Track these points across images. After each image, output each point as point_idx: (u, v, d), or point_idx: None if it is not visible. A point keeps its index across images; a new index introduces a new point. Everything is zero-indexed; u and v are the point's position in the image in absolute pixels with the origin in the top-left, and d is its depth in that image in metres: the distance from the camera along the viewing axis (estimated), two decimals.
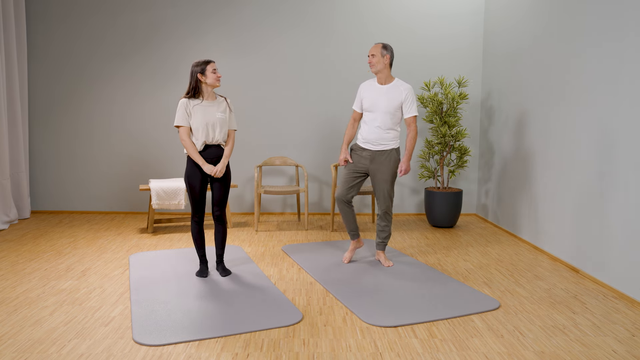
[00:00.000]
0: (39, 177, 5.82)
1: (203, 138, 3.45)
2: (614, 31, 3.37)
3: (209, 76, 3.42)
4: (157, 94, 5.71)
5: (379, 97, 3.72)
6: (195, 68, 3.43)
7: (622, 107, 3.27)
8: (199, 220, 3.59)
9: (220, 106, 3.53)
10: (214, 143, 3.50)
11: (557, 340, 2.62)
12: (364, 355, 2.45)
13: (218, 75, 3.45)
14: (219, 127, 3.48)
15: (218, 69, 5.61)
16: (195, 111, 3.43)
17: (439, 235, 4.93)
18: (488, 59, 5.55)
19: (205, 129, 3.44)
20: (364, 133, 3.79)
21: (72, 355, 2.41)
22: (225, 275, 3.60)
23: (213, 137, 3.48)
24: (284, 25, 5.65)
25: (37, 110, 5.74)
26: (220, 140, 3.52)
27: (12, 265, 3.81)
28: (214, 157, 3.52)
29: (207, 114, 3.44)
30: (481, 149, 5.76)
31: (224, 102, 3.60)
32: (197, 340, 2.58)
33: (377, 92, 3.75)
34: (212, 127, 3.46)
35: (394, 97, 3.70)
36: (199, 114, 3.43)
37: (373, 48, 3.71)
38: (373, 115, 3.74)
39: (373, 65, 3.70)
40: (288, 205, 5.90)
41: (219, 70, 5.61)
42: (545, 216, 4.26)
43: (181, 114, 3.43)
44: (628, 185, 3.20)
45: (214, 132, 3.47)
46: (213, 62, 3.45)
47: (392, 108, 3.70)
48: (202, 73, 3.42)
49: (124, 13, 5.62)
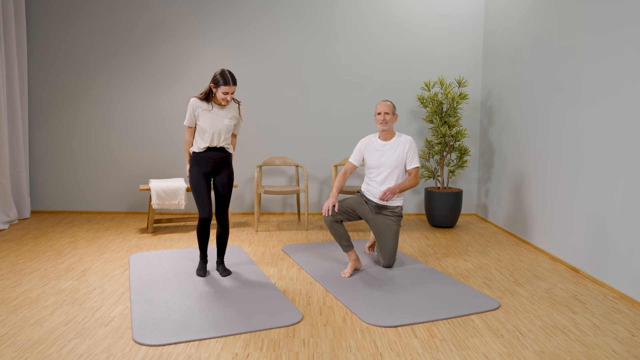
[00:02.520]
0: (39, 177, 5.82)
1: (207, 143, 3.46)
2: (613, 31, 3.37)
3: (218, 93, 3.37)
4: (157, 94, 5.71)
5: (384, 154, 3.73)
6: (216, 76, 3.37)
7: (622, 107, 3.27)
8: (206, 222, 3.53)
9: (230, 111, 3.51)
10: (217, 146, 3.51)
11: (557, 340, 2.62)
12: (364, 355, 2.45)
13: (227, 98, 3.37)
14: (225, 134, 3.49)
15: (221, 65, 5.63)
16: (203, 115, 3.44)
17: (439, 235, 4.93)
18: (488, 59, 5.56)
19: (211, 135, 3.45)
20: (371, 189, 3.78)
21: (72, 355, 2.41)
22: (226, 275, 3.60)
23: (217, 142, 3.49)
24: (284, 25, 5.65)
25: (37, 110, 5.74)
26: (223, 144, 3.52)
27: (12, 265, 3.80)
28: (215, 159, 3.51)
29: (215, 121, 3.44)
30: (481, 149, 5.76)
31: (236, 107, 3.56)
32: (197, 340, 2.58)
33: (381, 149, 3.75)
34: (218, 134, 3.47)
35: (399, 153, 3.73)
36: (207, 119, 3.43)
37: (385, 106, 3.69)
38: (378, 171, 3.74)
39: (387, 123, 3.69)
40: (288, 205, 5.89)
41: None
42: (545, 216, 4.27)
43: (189, 115, 3.46)
44: (628, 185, 3.21)
45: (219, 138, 3.49)
46: (230, 86, 3.34)
47: (398, 163, 3.73)
48: (216, 86, 3.37)
49: (123, 13, 5.62)
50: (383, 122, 3.70)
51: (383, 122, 3.70)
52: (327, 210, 3.57)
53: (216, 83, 3.36)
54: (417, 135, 5.79)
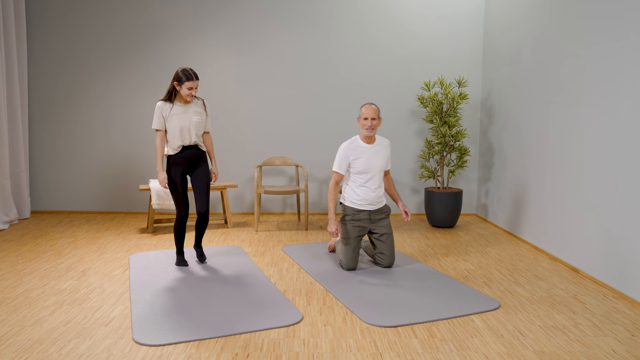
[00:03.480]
0: (39, 177, 5.82)
1: (179, 142, 3.56)
2: (614, 31, 3.37)
3: (183, 89, 3.48)
4: (157, 94, 5.71)
5: (371, 157, 3.69)
6: (177, 73, 3.47)
7: (622, 107, 3.27)
8: (184, 220, 3.69)
9: (196, 109, 3.60)
10: (191, 144, 3.61)
11: (557, 340, 2.62)
12: (364, 355, 2.45)
13: (192, 93, 3.48)
14: (195, 130, 3.58)
15: (221, 65, 5.64)
16: (171, 115, 3.53)
17: (439, 235, 4.93)
18: (488, 59, 5.56)
19: (181, 134, 3.54)
20: (362, 194, 3.71)
21: (72, 355, 2.41)
22: (203, 262, 3.82)
23: (189, 140, 3.58)
24: (284, 25, 5.65)
25: (37, 110, 5.74)
26: (197, 141, 3.62)
27: (12, 265, 3.80)
28: (191, 157, 3.63)
29: (182, 119, 3.53)
30: (481, 149, 5.76)
31: (200, 104, 3.65)
32: (197, 340, 2.58)
33: (368, 153, 3.70)
34: (188, 131, 3.56)
35: (384, 154, 3.75)
36: (174, 118, 3.53)
37: (372, 111, 3.60)
38: (368, 175, 3.70)
39: (373, 129, 3.63)
40: (288, 205, 5.90)
41: (223, 70, 5.62)
42: (545, 216, 4.27)
43: (157, 118, 3.54)
44: (628, 185, 3.21)
45: (190, 136, 3.57)
46: (194, 81, 3.45)
47: (383, 166, 3.75)
48: (180, 83, 3.47)
49: (123, 13, 5.62)
50: (370, 128, 3.62)
51: (370, 128, 3.62)
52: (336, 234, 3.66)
53: (179, 80, 3.46)
54: (417, 135, 5.79)
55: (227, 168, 5.82)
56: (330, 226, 3.67)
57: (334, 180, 3.74)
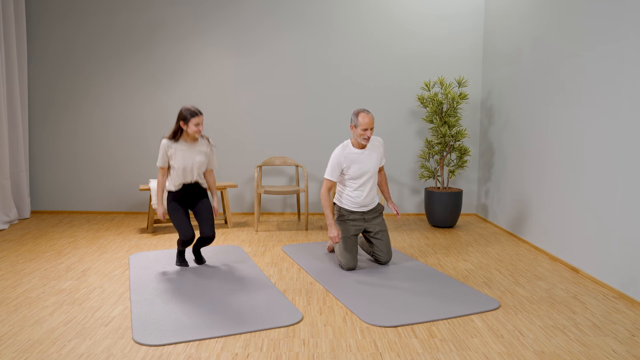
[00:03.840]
0: (39, 177, 5.82)
1: (181, 180, 3.62)
2: (613, 31, 3.37)
3: (190, 127, 3.52)
4: (157, 94, 5.71)
5: (365, 162, 3.67)
6: (182, 113, 3.51)
7: (622, 107, 3.27)
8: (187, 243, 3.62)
9: (200, 148, 3.64)
10: (191, 182, 3.67)
11: (557, 340, 2.62)
12: (364, 355, 2.45)
13: (199, 128, 3.53)
14: (197, 170, 3.64)
15: (221, 65, 5.64)
16: (175, 154, 3.58)
17: (439, 235, 4.93)
18: (488, 59, 5.56)
19: (184, 172, 3.60)
20: (357, 199, 3.73)
21: (72, 355, 2.41)
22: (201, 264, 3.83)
23: (191, 178, 3.65)
24: (284, 25, 5.65)
25: (37, 110, 5.74)
26: (198, 179, 3.69)
27: (12, 265, 3.80)
28: (191, 192, 3.69)
29: (186, 158, 3.59)
30: (481, 149, 5.76)
31: (206, 143, 3.69)
32: (197, 340, 2.58)
33: (361, 157, 3.66)
34: (190, 170, 3.62)
35: (377, 156, 3.73)
36: (178, 157, 3.57)
37: (371, 121, 3.52)
38: (362, 179, 3.70)
39: (369, 139, 3.58)
40: (288, 205, 5.90)
41: (223, 70, 5.62)
42: (545, 216, 4.27)
43: (162, 156, 3.59)
44: (628, 185, 3.21)
45: (192, 174, 3.64)
46: (199, 116, 3.51)
47: (377, 166, 3.75)
48: (185, 122, 3.50)
49: (123, 13, 5.62)
50: (367, 139, 3.57)
51: (367, 139, 3.57)
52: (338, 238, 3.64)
53: (185, 119, 3.51)
54: (417, 135, 5.79)
55: (227, 168, 5.82)
56: (330, 231, 3.64)
57: (326, 188, 3.69)
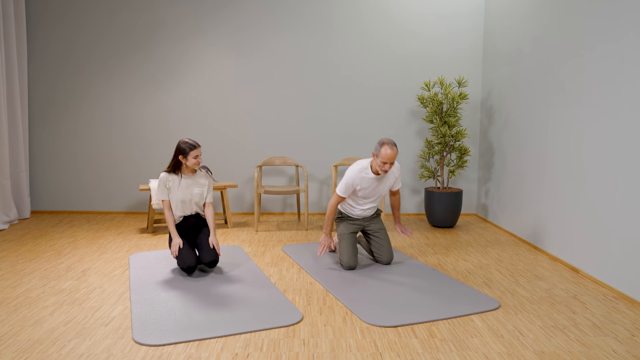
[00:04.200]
0: (39, 177, 5.82)
1: (180, 212, 3.68)
2: (613, 31, 3.37)
3: (189, 160, 3.55)
4: (157, 94, 5.71)
5: (377, 186, 3.72)
6: (180, 146, 3.54)
7: (623, 107, 3.27)
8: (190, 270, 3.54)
9: (199, 181, 3.69)
10: (192, 214, 3.73)
11: (557, 340, 2.62)
12: (364, 355, 2.45)
13: (199, 160, 3.58)
14: (195, 202, 3.69)
15: (221, 65, 5.64)
16: (173, 187, 3.62)
17: (439, 235, 4.93)
18: (488, 59, 5.56)
19: (182, 205, 3.65)
20: (358, 212, 3.83)
21: (72, 355, 2.41)
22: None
23: (190, 211, 3.71)
24: (284, 25, 5.65)
25: (37, 110, 5.74)
26: (198, 211, 3.74)
27: (12, 265, 3.80)
28: (192, 223, 3.74)
29: (185, 192, 3.63)
30: (481, 149, 5.76)
31: (205, 176, 3.73)
32: (197, 340, 2.58)
33: (375, 182, 3.69)
34: (189, 203, 3.67)
35: (390, 181, 3.78)
36: (177, 190, 3.62)
37: (394, 156, 3.45)
38: (370, 199, 3.78)
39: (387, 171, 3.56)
40: (288, 205, 5.90)
41: (223, 70, 5.62)
42: (545, 216, 4.27)
43: (161, 190, 3.63)
44: (628, 185, 3.21)
45: (191, 207, 3.69)
46: (197, 149, 3.54)
47: (387, 189, 3.82)
48: (185, 156, 3.54)
49: (123, 13, 5.62)
50: (385, 172, 3.55)
51: (385, 171, 3.55)
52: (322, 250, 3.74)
53: (183, 153, 3.53)
54: (417, 135, 5.79)
55: (227, 168, 5.82)
56: (323, 238, 3.78)
57: (336, 201, 3.75)
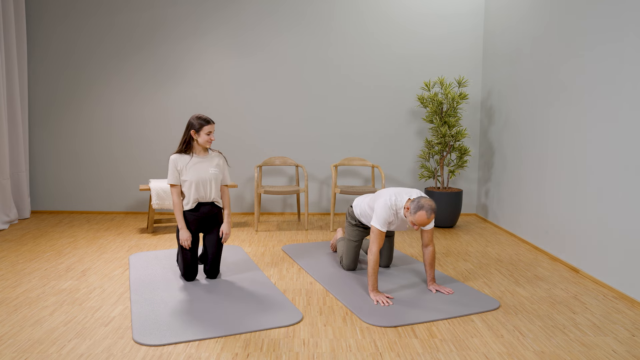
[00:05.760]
0: (39, 177, 5.82)
1: (195, 196, 3.34)
2: (613, 31, 3.37)
3: (201, 136, 3.31)
4: (157, 94, 5.71)
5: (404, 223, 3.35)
6: (192, 122, 3.31)
7: (623, 107, 3.27)
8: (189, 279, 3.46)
9: (213, 161, 3.41)
10: (207, 201, 3.40)
11: (557, 340, 2.62)
12: (364, 355, 2.45)
13: (211, 138, 3.33)
14: (214, 184, 3.38)
15: (222, 65, 5.64)
16: (186, 168, 3.33)
17: (439, 235, 4.93)
18: (488, 59, 5.56)
19: (198, 187, 3.33)
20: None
21: (72, 355, 2.41)
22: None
23: (205, 194, 3.38)
24: (284, 25, 5.65)
25: (37, 110, 5.74)
26: (215, 198, 3.42)
27: (12, 265, 3.80)
28: (205, 216, 3.42)
29: (200, 171, 3.33)
30: (481, 149, 5.76)
31: (218, 156, 3.47)
32: (197, 340, 2.58)
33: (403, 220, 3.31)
34: (204, 184, 3.35)
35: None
36: (190, 170, 3.32)
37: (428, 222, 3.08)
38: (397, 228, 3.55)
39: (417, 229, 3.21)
40: (288, 205, 5.89)
41: (223, 70, 5.62)
42: (545, 216, 4.27)
43: (172, 172, 3.33)
44: (628, 185, 3.21)
45: (207, 190, 3.37)
46: (211, 124, 3.31)
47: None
48: (197, 131, 3.31)
49: (124, 13, 5.63)
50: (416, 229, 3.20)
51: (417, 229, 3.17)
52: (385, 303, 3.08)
53: (195, 128, 3.30)
54: (417, 135, 5.79)
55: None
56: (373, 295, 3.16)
57: (378, 245, 3.18)
